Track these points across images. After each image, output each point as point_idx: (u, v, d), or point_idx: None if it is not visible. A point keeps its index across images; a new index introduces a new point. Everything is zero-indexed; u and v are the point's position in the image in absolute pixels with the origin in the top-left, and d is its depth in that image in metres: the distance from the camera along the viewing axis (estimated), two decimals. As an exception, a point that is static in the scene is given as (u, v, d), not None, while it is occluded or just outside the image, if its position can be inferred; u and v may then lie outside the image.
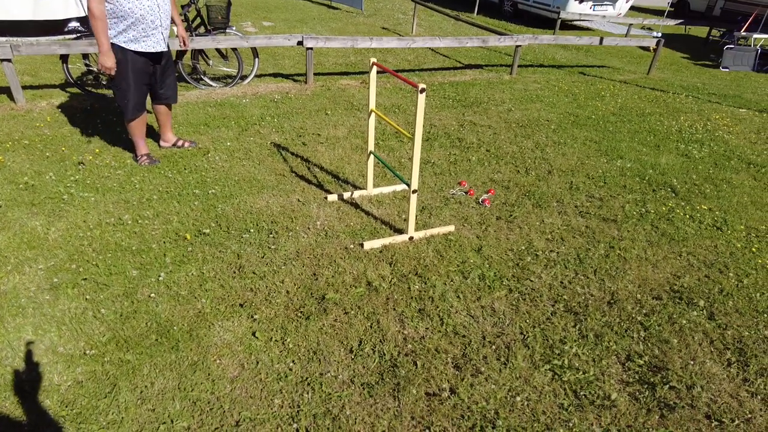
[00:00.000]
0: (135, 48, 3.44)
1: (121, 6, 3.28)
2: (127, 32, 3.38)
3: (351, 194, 3.53)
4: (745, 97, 7.45)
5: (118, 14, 3.31)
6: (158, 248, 2.87)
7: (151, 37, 3.47)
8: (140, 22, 3.37)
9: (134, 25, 3.36)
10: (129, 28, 3.37)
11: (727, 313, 2.70)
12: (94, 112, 4.71)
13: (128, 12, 3.31)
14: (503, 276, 2.84)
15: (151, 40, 3.48)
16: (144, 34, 3.43)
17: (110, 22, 3.32)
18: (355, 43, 6.08)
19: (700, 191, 4.11)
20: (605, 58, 9.38)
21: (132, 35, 3.40)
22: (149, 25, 3.42)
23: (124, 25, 3.35)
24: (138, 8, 3.33)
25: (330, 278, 2.70)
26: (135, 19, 3.35)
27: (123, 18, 3.32)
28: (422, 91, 2.57)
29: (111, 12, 3.31)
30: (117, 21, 3.33)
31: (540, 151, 4.58)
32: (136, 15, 3.34)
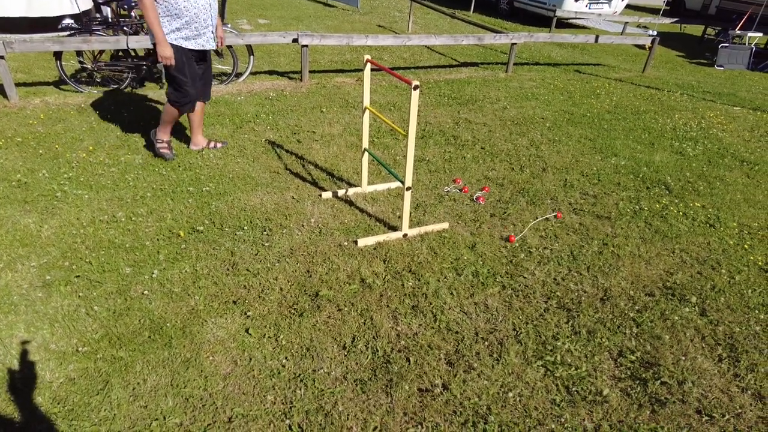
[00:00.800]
0: (188, 46, 3.47)
1: (177, 4, 3.30)
2: (182, 31, 3.41)
3: (345, 192, 3.53)
4: (740, 95, 7.48)
5: (173, 12, 3.33)
6: (152, 245, 2.87)
7: (202, 36, 3.51)
8: (194, 21, 3.40)
9: (188, 24, 3.39)
10: (183, 27, 3.39)
11: (719, 310, 2.72)
12: (87, 110, 4.69)
13: (183, 11, 3.33)
14: (497, 273, 2.85)
15: (202, 38, 3.52)
16: (197, 33, 3.46)
17: (164, 21, 3.34)
18: (350, 41, 6.07)
19: (693, 189, 4.13)
20: (601, 56, 9.39)
21: (186, 34, 3.42)
22: (202, 23, 3.45)
23: (178, 24, 3.37)
24: (193, 7, 3.35)
25: (324, 275, 2.70)
26: (189, 18, 3.37)
27: (178, 16, 3.35)
28: (416, 88, 2.57)
29: (165, 10, 3.32)
30: (171, 19, 3.35)
31: (535, 149, 4.59)
32: (191, 14, 3.36)
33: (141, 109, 4.79)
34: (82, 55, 5.30)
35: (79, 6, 7.04)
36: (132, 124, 4.43)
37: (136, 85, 5.42)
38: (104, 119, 4.51)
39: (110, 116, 4.59)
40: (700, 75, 8.90)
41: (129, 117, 4.60)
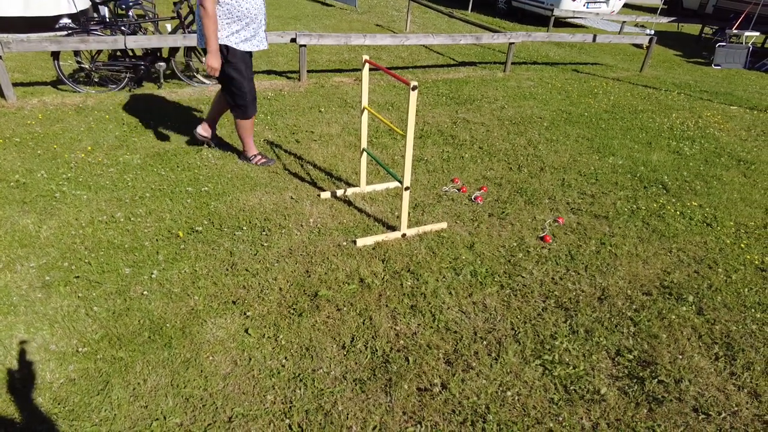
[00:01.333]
0: (245, 48, 3.47)
1: (239, 6, 3.29)
2: (241, 33, 3.40)
3: (344, 191, 3.54)
4: (737, 94, 7.50)
5: (235, 15, 3.32)
6: (151, 246, 2.87)
7: (257, 36, 3.50)
8: (253, 22, 3.40)
9: (248, 25, 3.39)
10: (243, 29, 3.39)
11: (716, 308, 2.74)
12: (86, 110, 4.69)
13: (245, 12, 3.32)
14: (495, 272, 2.86)
15: (256, 39, 3.50)
16: (254, 34, 3.46)
17: (222, 23, 3.31)
18: (348, 41, 6.08)
19: (690, 188, 4.15)
20: (598, 56, 9.41)
21: (244, 35, 3.42)
22: (259, 24, 3.46)
23: (238, 26, 3.36)
24: (253, 7, 3.35)
25: (323, 275, 2.71)
26: (250, 19, 3.37)
27: (239, 19, 3.34)
28: (414, 89, 2.58)
29: (227, 13, 3.30)
30: (231, 22, 3.34)
31: (532, 149, 4.60)
32: (251, 14, 3.36)
33: (139, 110, 4.79)
34: (80, 55, 5.29)
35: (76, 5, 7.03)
36: (130, 125, 4.43)
37: (134, 85, 5.42)
38: (102, 119, 4.51)
39: (108, 116, 4.59)
40: (698, 74, 8.93)
41: (127, 117, 4.60)
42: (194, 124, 4.54)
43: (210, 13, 3.19)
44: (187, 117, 4.69)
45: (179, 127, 4.45)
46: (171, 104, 4.99)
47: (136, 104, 4.93)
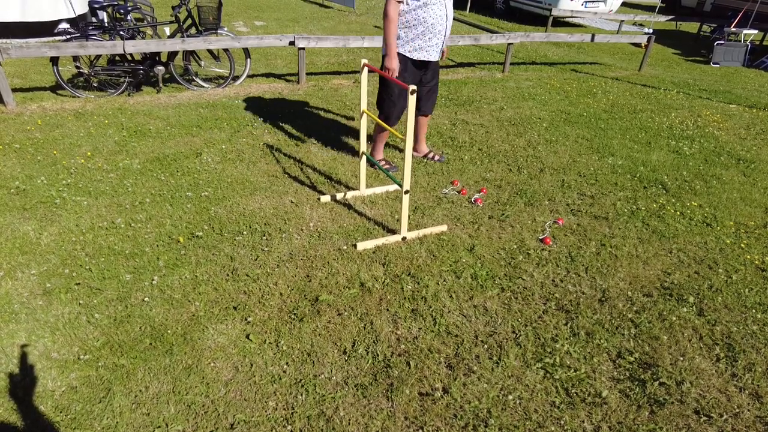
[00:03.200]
0: (416, 57, 3.48)
1: (417, 14, 3.30)
2: (414, 41, 3.41)
3: (344, 195, 3.54)
4: (735, 92, 7.51)
5: (411, 23, 3.34)
6: (151, 252, 2.87)
7: (433, 47, 3.48)
8: (429, 32, 3.38)
9: (423, 34, 3.38)
10: (417, 38, 3.40)
11: (716, 309, 2.74)
12: (85, 115, 4.69)
13: (422, 20, 3.32)
14: (495, 275, 2.86)
15: (431, 49, 3.48)
16: (429, 44, 3.44)
17: (399, 31, 3.37)
18: (347, 43, 6.08)
19: (690, 188, 4.15)
20: (597, 55, 9.42)
21: (417, 44, 3.43)
22: (436, 34, 3.41)
23: (413, 34, 3.38)
24: (431, 17, 3.32)
25: (323, 280, 2.71)
26: (425, 28, 3.35)
27: (414, 27, 3.35)
28: (413, 93, 2.58)
29: (404, 21, 3.33)
30: (407, 30, 3.36)
31: (532, 150, 4.60)
32: (428, 23, 3.34)
33: (138, 114, 4.80)
34: (79, 60, 5.29)
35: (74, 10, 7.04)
36: (130, 129, 4.44)
37: (134, 90, 5.43)
38: (102, 124, 4.52)
39: (108, 121, 4.59)
40: (696, 73, 8.93)
41: (126, 122, 4.61)
42: (192, 127, 4.55)
43: (391, 16, 3.27)
44: (186, 120, 4.69)
45: (178, 132, 4.45)
46: (170, 108, 5.00)
47: (135, 109, 4.94)
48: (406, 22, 3.36)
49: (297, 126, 4.74)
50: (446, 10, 3.39)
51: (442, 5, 3.35)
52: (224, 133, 4.49)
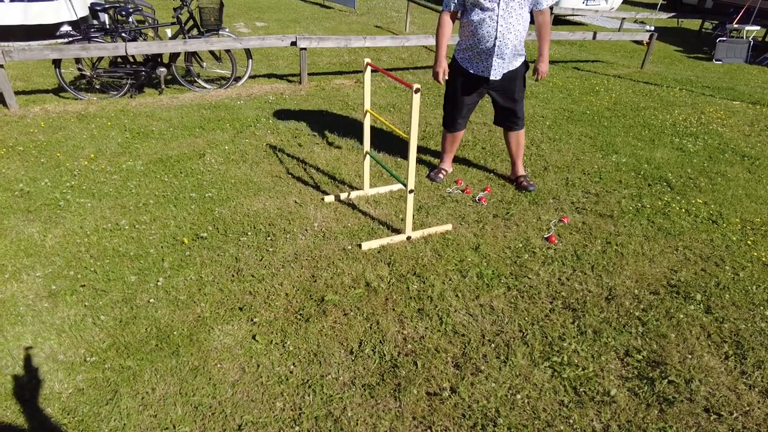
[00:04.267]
0: (466, 67, 3.52)
1: (469, 24, 3.35)
2: (464, 51, 3.49)
3: (348, 195, 3.54)
4: (738, 89, 7.48)
5: (464, 31, 3.41)
6: (156, 253, 2.87)
7: (481, 63, 3.46)
8: (476, 47, 3.40)
9: (471, 47, 3.43)
10: (467, 48, 3.46)
11: (724, 307, 2.72)
12: (88, 117, 4.70)
13: (471, 32, 3.36)
14: (501, 274, 2.85)
15: (480, 64, 3.47)
16: (477, 58, 3.46)
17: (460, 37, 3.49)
18: (348, 43, 6.08)
19: (695, 185, 4.13)
20: (599, 53, 9.40)
21: (467, 55, 3.49)
22: (482, 52, 3.40)
23: (464, 44, 3.46)
24: (478, 32, 3.32)
25: (329, 280, 2.70)
26: (473, 42, 3.39)
27: (466, 37, 3.42)
28: (417, 92, 2.58)
29: (462, 28, 3.44)
30: (461, 36, 3.47)
31: (535, 148, 4.59)
32: (475, 38, 3.36)
33: (141, 116, 4.80)
34: (81, 63, 5.30)
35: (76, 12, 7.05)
36: (132, 131, 4.44)
37: (136, 92, 5.43)
38: (105, 126, 4.52)
39: (110, 123, 4.59)
40: (699, 69, 8.90)
41: (129, 123, 4.61)
42: (195, 128, 4.54)
43: (440, 23, 3.44)
44: (188, 122, 4.69)
45: (181, 133, 4.45)
46: (173, 110, 5.00)
47: (138, 110, 4.94)
48: (462, 27, 3.42)
49: (300, 126, 4.74)
50: (497, 30, 3.27)
51: (492, 23, 3.26)
52: (227, 134, 4.49)
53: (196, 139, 4.35)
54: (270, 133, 4.55)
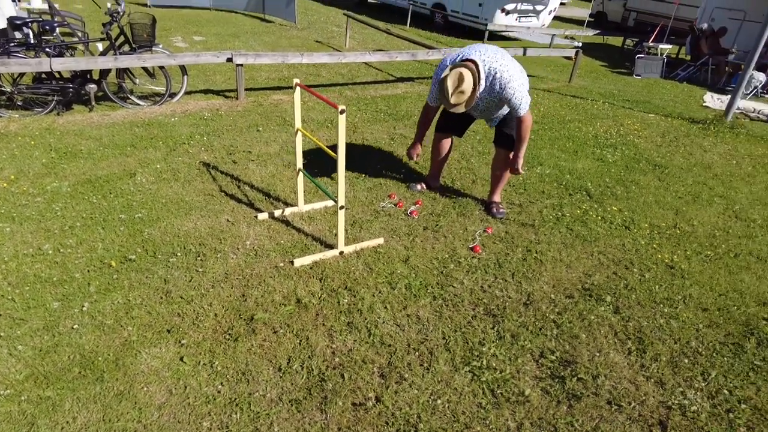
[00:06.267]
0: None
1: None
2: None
3: (282, 212, 3.58)
4: (654, 102, 8.10)
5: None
6: (82, 277, 2.81)
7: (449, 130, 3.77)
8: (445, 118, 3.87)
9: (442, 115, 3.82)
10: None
11: (630, 306, 2.97)
12: (8, 136, 4.49)
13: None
14: (428, 284, 2.98)
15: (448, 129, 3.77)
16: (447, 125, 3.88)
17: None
18: (285, 59, 6.13)
19: (612, 193, 4.46)
20: (530, 67, 9.88)
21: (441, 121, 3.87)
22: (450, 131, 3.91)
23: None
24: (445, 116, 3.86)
25: (259, 298, 2.74)
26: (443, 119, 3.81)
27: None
28: (342, 112, 2.68)
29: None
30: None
31: (465, 162, 4.80)
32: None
33: (68, 134, 4.64)
34: (1, 78, 5.07)
35: (0, 23, 6.71)
36: (59, 150, 4.29)
37: (63, 109, 5.24)
38: (27, 146, 4.34)
39: (34, 142, 4.42)
40: (621, 84, 9.56)
41: (55, 142, 4.45)
42: (127, 147, 4.45)
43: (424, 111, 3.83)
44: (119, 140, 4.58)
45: (112, 152, 4.35)
46: (103, 128, 4.87)
47: (65, 128, 4.77)
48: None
49: (235, 143, 4.74)
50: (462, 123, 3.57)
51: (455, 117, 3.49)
52: (160, 152, 4.42)
53: (128, 158, 4.26)
54: (204, 150, 4.53)
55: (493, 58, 3.22)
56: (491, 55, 3.24)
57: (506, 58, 3.30)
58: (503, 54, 3.32)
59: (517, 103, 3.28)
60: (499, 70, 3.20)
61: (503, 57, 3.28)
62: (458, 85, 3.12)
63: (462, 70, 3.10)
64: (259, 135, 4.99)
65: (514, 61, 3.32)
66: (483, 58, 3.21)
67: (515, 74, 3.24)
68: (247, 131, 5.06)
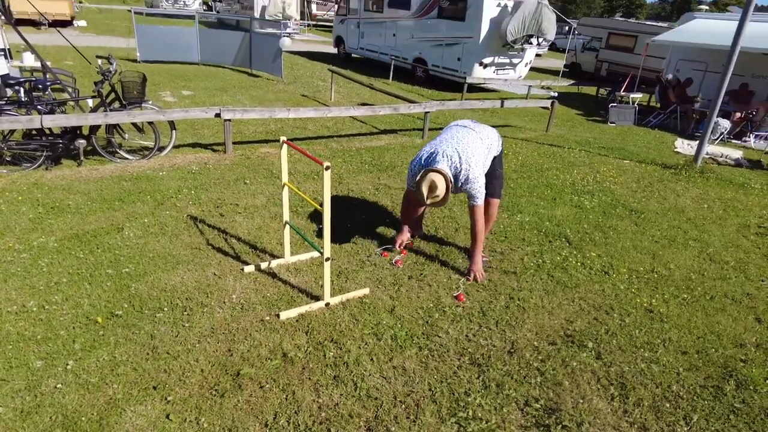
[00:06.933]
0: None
1: None
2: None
3: (268, 264, 3.63)
4: (628, 149, 8.44)
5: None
6: (66, 335, 2.80)
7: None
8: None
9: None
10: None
11: (612, 352, 3.04)
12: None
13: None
14: (414, 334, 3.02)
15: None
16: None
17: None
18: (272, 114, 6.33)
19: (590, 239, 4.60)
20: (509, 118, 10.30)
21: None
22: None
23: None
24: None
25: (245, 353, 2.75)
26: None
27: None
28: (327, 169, 2.80)
29: None
30: None
31: (448, 211, 4.94)
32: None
33: (57, 189, 4.69)
34: (-7, 133, 5.14)
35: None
36: (46, 205, 4.33)
37: (52, 164, 5.31)
38: (15, 201, 4.38)
39: (22, 197, 4.45)
40: (596, 131, 9.96)
41: (43, 197, 4.49)
42: (115, 201, 4.50)
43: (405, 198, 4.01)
44: (108, 195, 4.64)
45: (99, 206, 4.40)
46: (92, 182, 4.93)
47: (54, 183, 4.83)
48: None
49: (223, 196, 4.83)
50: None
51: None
52: (147, 206, 4.48)
53: (115, 213, 4.31)
54: (192, 203, 4.60)
55: (459, 159, 3.45)
56: (457, 157, 3.46)
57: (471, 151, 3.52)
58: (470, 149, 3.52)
59: (475, 194, 3.53)
60: (464, 170, 3.46)
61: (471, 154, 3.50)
62: (431, 190, 3.35)
63: (434, 177, 3.32)
64: (246, 188, 5.09)
65: (478, 151, 3.56)
66: (450, 164, 3.45)
67: (478, 173, 3.50)
68: (235, 184, 5.16)
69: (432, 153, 3.55)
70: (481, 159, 3.58)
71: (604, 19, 27.04)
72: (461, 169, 3.46)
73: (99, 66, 5.39)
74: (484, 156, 3.63)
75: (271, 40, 11.85)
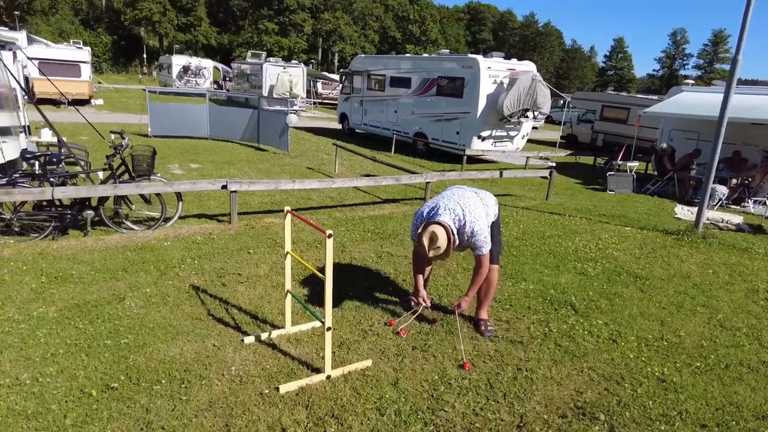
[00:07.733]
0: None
1: None
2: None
3: (269, 335, 3.57)
4: (629, 216, 8.51)
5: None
6: (58, 409, 2.71)
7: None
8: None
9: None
10: None
11: (626, 425, 2.90)
12: (1, 261, 4.56)
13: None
14: (419, 409, 2.91)
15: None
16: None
17: None
18: (278, 186, 6.49)
19: (596, 307, 4.53)
20: (508, 187, 10.49)
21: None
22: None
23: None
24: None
25: (243, 428, 2.64)
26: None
27: None
28: (329, 237, 2.83)
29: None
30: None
31: (452, 278, 4.92)
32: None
33: (61, 258, 4.72)
34: (2, 206, 5.27)
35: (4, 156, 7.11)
36: (50, 275, 4.34)
37: (59, 234, 5.39)
38: (18, 271, 4.39)
39: (26, 267, 4.48)
40: (596, 199, 10.10)
41: (47, 267, 4.51)
42: (118, 271, 4.51)
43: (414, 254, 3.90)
44: (111, 264, 4.66)
45: (103, 276, 4.40)
46: (96, 252, 4.97)
47: (59, 253, 4.87)
48: None
49: (225, 265, 4.84)
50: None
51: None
52: (150, 276, 4.49)
53: (118, 282, 4.31)
54: (194, 273, 4.61)
55: (462, 212, 3.53)
56: (460, 210, 3.54)
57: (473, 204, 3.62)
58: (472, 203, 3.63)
59: (480, 245, 3.60)
60: (468, 222, 3.51)
61: (474, 207, 3.60)
62: (432, 242, 3.38)
63: (434, 229, 3.37)
64: (250, 257, 5.11)
65: (479, 206, 3.66)
66: (453, 216, 3.51)
67: (482, 225, 3.57)
68: (238, 254, 5.19)
69: (434, 207, 3.60)
70: (482, 213, 3.64)
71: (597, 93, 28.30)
72: (465, 221, 3.49)
73: (112, 140, 5.61)
74: (484, 213, 3.69)
75: (278, 116, 12.38)
